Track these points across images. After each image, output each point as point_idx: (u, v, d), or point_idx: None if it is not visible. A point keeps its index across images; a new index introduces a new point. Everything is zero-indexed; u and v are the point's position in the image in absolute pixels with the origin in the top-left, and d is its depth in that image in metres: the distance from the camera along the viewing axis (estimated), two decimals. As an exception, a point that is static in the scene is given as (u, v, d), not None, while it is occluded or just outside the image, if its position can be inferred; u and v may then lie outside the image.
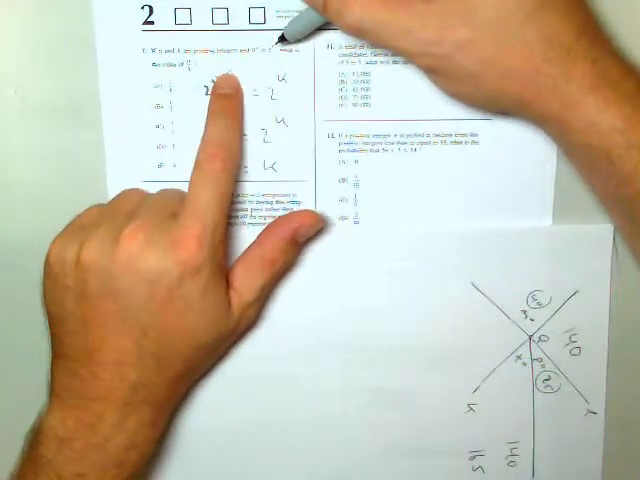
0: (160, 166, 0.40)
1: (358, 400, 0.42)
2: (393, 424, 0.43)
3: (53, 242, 0.37)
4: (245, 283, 0.38)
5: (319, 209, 0.40)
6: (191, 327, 0.36)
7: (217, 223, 0.35)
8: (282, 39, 0.37)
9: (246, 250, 0.39)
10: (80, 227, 0.37)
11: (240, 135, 0.39)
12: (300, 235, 0.38)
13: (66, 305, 0.36)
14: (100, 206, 0.39)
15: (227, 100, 0.38)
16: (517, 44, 0.33)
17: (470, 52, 0.33)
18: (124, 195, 0.39)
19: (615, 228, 0.40)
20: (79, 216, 0.38)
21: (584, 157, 0.34)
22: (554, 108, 0.33)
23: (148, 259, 0.34)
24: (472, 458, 0.43)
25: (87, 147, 0.39)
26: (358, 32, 0.34)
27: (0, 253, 0.41)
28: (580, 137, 0.33)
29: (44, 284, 0.37)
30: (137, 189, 0.39)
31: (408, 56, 0.35)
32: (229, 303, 0.37)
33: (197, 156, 0.37)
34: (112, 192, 0.40)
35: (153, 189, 0.40)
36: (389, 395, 0.42)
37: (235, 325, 0.38)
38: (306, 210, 0.39)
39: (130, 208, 0.37)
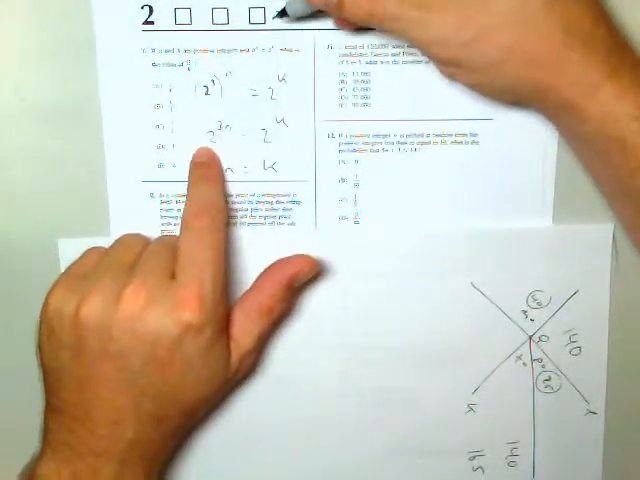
0: (160, 166, 0.40)
1: (358, 400, 0.42)
2: (393, 424, 0.43)
3: (51, 291, 0.36)
4: (244, 332, 0.37)
5: (319, 209, 0.40)
6: (191, 385, 0.35)
7: (216, 279, 0.35)
8: (283, 14, 0.37)
9: (244, 295, 0.38)
10: (80, 277, 0.36)
11: (223, 196, 0.38)
12: (297, 281, 0.38)
13: (62, 360, 0.35)
14: (99, 251, 0.38)
15: (205, 167, 0.39)
16: (538, 30, 0.33)
17: (491, 39, 0.33)
18: (124, 243, 0.38)
19: (615, 228, 0.40)
20: (78, 262, 0.38)
21: (597, 147, 0.34)
22: (572, 95, 0.33)
23: (149, 320, 0.34)
24: (472, 458, 0.43)
25: (87, 147, 0.39)
26: (377, 19, 0.34)
27: (0, 253, 0.41)
28: (595, 125, 0.33)
29: (40, 334, 0.36)
30: (136, 235, 0.39)
31: (426, 46, 0.34)
32: (229, 355, 0.36)
33: (183, 217, 0.36)
34: (112, 192, 0.40)
35: (153, 189, 0.40)
36: (389, 395, 0.42)
37: (233, 375, 0.37)
38: (302, 255, 0.39)
39: (130, 259, 0.36)
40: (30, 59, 0.38)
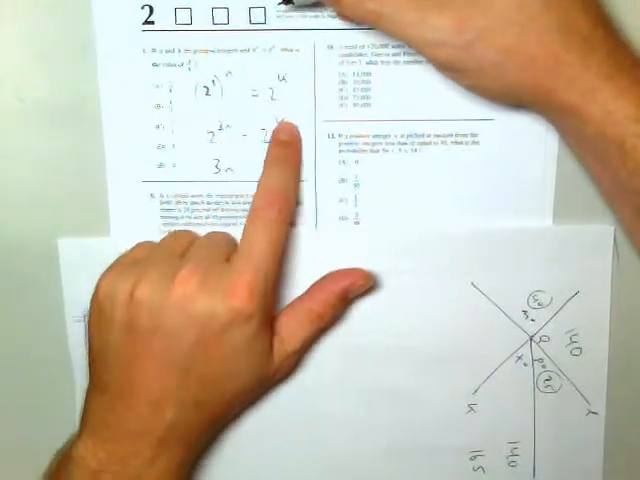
0: (160, 166, 0.40)
1: (358, 400, 0.42)
2: (393, 424, 0.43)
3: (103, 277, 0.37)
4: (290, 333, 0.38)
5: (319, 209, 0.40)
6: (233, 373, 0.36)
7: (270, 271, 0.36)
8: (288, 1, 0.37)
9: (295, 300, 0.39)
10: (132, 263, 0.37)
11: (297, 183, 0.39)
12: (351, 292, 0.39)
13: (112, 338, 0.36)
14: (150, 243, 0.39)
15: (286, 148, 0.39)
16: (536, 32, 0.33)
17: (489, 42, 0.33)
18: (175, 235, 0.39)
19: (616, 228, 0.40)
20: (129, 252, 0.39)
21: (597, 148, 0.34)
22: (571, 97, 0.33)
23: (200, 303, 0.34)
24: (473, 458, 0.43)
25: (87, 147, 0.39)
26: (375, 19, 0.34)
27: (0, 253, 0.41)
28: (595, 127, 0.33)
29: (90, 317, 0.37)
30: (187, 231, 0.40)
31: (424, 48, 0.34)
32: (272, 350, 0.37)
33: (254, 202, 0.37)
34: (112, 192, 0.40)
35: (153, 189, 0.40)
36: (389, 395, 0.42)
37: (274, 373, 0.38)
38: (358, 269, 0.40)
39: (182, 249, 0.37)
40: (30, 59, 0.38)
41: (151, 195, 0.40)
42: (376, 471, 0.43)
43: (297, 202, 0.40)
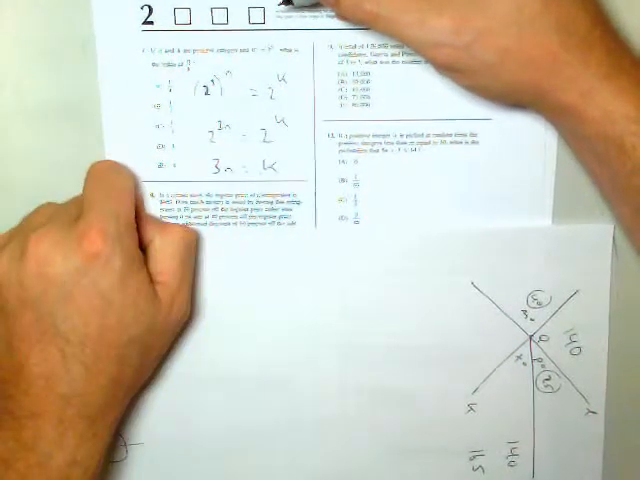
0: (160, 166, 0.40)
1: (358, 400, 0.42)
2: (393, 424, 0.43)
3: None
4: (165, 269, 0.37)
5: (319, 209, 0.40)
6: (115, 323, 0.35)
7: (119, 212, 0.35)
8: (288, 1, 0.37)
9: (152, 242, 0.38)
10: None
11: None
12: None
13: None
14: (13, 227, 0.38)
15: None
16: (535, 32, 0.33)
17: (488, 42, 0.33)
18: (37, 209, 0.38)
19: (615, 228, 0.40)
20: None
21: (596, 148, 0.34)
22: (570, 97, 0.33)
23: (55, 261, 0.34)
24: (472, 458, 0.43)
25: (87, 147, 0.39)
26: (373, 20, 0.34)
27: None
28: (594, 126, 0.33)
29: None
30: (50, 203, 0.39)
31: (423, 48, 0.34)
32: (154, 292, 0.36)
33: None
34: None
35: (153, 189, 0.40)
36: (389, 395, 0.42)
37: (165, 317, 0.37)
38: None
39: (40, 220, 0.36)
40: (30, 59, 0.38)
41: (151, 195, 0.40)
42: (376, 471, 0.43)
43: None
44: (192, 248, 0.39)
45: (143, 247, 0.37)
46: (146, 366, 0.38)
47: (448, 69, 0.35)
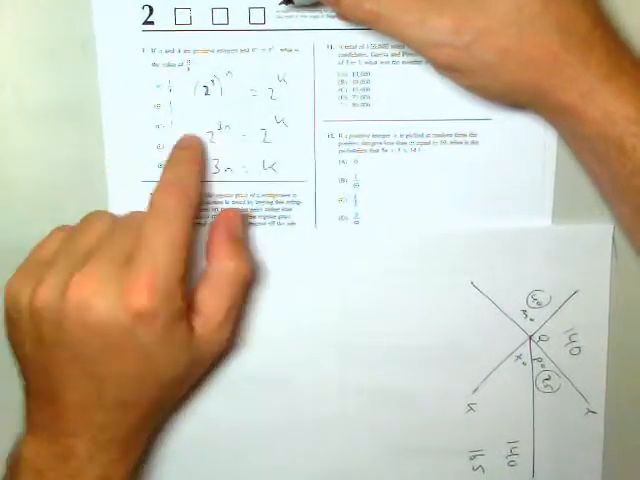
0: (160, 166, 0.40)
1: (358, 400, 0.42)
2: (393, 424, 0.43)
3: (10, 280, 0.36)
4: (209, 306, 0.36)
5: (319, 209, 0.40)
6: (153, 371, 0.35)
7: (171, 266, 0.33)
8: (288, 1, 0.37)
9: (204, 271, 0.37)
10: (39, 261, 0.36)
11: (197, 182, 0.37)
12: (238, 230, 0.38)
13: (26, 348, 0.35)
14: (63, 232, 0.37)
15: (185, 150, 0.38)
16: (535, 32, 0.33)
17: (488, 42, 0.33)
18: (89, 221, 0.37)
19: (615, 228, 0.40)
20: (40, 244, 0.37)
21: (596, 148, 0.34)
22: (571, 97, 0.33)
23: (98, 310, 0.33)
24: (472, 458, 0.43)
25: (87, 147, 0.39)
26: (374, 20, 0.34)
27: (0, 253, 0.41)
28: (595, 127, 0.33)
29: (5, 325, 0.36)
30: (104, 214, 0.38)
31: (423, 48, 0.34)
32: (192, 335, 0.36)
33: (151, 199, 0.35)
34: (112, 192, 0.40)
35: (153, 189, 0.40)
36: (389, 395, 0.42)
37: (204, 352, 0.37)
38: (226, 210, 0.39)
39: (90, 242, 0.36)
40: (30, 59, 0.38)
41: (151, 195, 0.40)
42: (376, 471, 0.43)
43: (200, 198, 0.37)
44: (242, 285, 0.37)
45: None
46: (179, 396, 0.39)
47: (448, 69, 0.35)
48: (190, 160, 0.38)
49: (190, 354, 0.36)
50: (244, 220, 0.39)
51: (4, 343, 0.37)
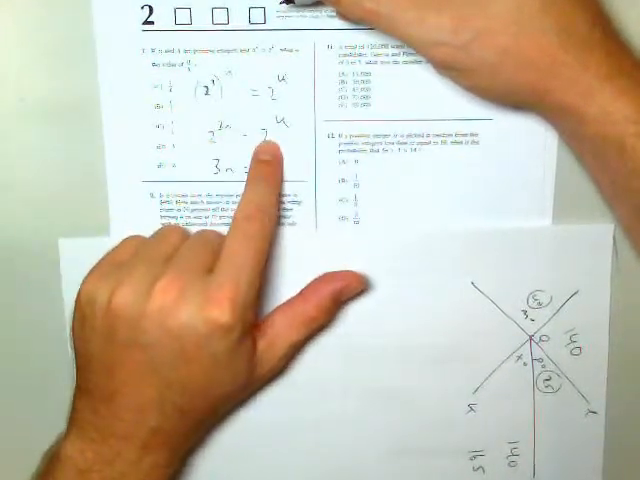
0: (160, 166, 0.40)
1: (358, 400, 0.42)
2: (393, 424, 0.43)
3: (86, 279, 0.36)
4: (279, 336, 0.38)
5: (319, 209, 0.40)
6: (215, 381, 0.36)
7: (251, 283, 0.35)
8: (289, 0, 0.37)
9: (287, 302, 0.39)
10: (115, 265, 0.37)
11: (278, 200, 0.39)
12: (344, 295, 0.39)
13: (93, 346, 0.36)
14: (137, 240, 0.39)
15: (267, 166, 0.39)
16: (534, 33, 0.33)
17: (487, 42, 0.33)
18: (163, 234, 0.39)
19: (616, 228, 0.40)
20: (116, 250, 0.38)
21: (596, 149, 0.34)
22: (570, 98, 0.33)
23: (179, 315, 0.34)
24: (473, 458, 0.43)
25: (87, 147, 0.39)
26: (374, 18, 0.34)
27: (0, 253, 0.41)
28: (594, 127, 0.33)
29: (74, 320, 0.37)
30: (176, 227, 0.39)
31: (422, 47, 0.34)
32: (255, 355, 0.37)
33: (235, 215, 0.36)
34: (112, 192, 0.40)
35: (153, 189, 0.40)
36: (389, 395, 0.42)
37: (260, 377, 0.38)
38: (351, 271, 0.40)
39: (167, 251, 0.37)
40: (30, 59, 0.38)
41: (151, 195, 0.40)
42: (376, 471, 0.43)
43: (278, 219, 0.39)
44: (315, 330, 0.39)
45: None
46: (228, 409, 0.40)
47: (447, 68, 0.35)
48: (271, 175, 0.39)
49: (249, 373, 0.37)
50: (358, 289, 0.40)
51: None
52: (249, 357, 0.36)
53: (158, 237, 0.39)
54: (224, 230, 0.40)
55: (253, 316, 0.36)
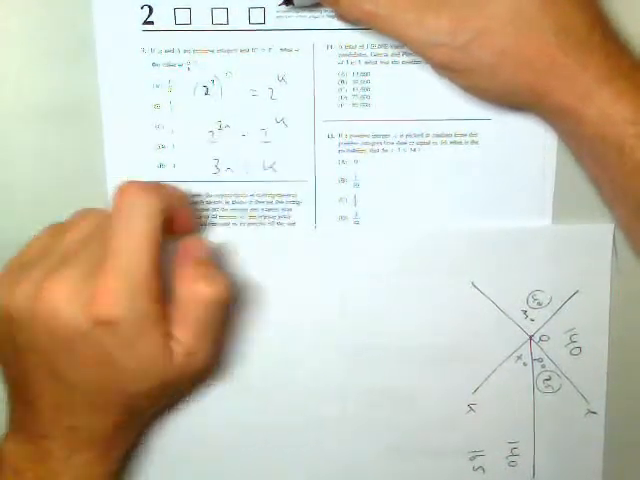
0: (160, 166, 0.40)
1: (358, 400, 0.42)
2: (393, 424, 0.43)
3: None
4: (181, 328, 0.35)
5: (319, 209, 0.40)
6: (116, 379, 0.34)
7: (140, 272, 0.33)
8: (288, 2, 0.37)
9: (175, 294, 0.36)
10: (20, 264, 0.35)
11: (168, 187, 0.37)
12: (202, 253, 0.36)
13: (3, 352, 0.36)
14: (50, 230, 0.37)
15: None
16: (532, 34, 0.33)
17: (485, 42, 0.33)
18: (72, 223, 0.37)
19: (615, 227, 0.40)
20: (27, 246, 0.37)
21: (595, 150, 0.34)
22: (569, 99, 0.33)
23: (64, 317, 0.33)
24: (472, 458, 0.43)
25: (87, 147, 0.39)
26: (372, 20, 0.34)
27: (0, 253, 0.41)
28: (593, 128, 0.33)
29: None
30: (90, 214, 0.37)
31: (421, 48, 0.34)
32: (168, 353, 0.34)
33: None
34: (112, 192, 0.40)
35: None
36: (389, 395, 0.42)
37: (180, 372, 0.35)
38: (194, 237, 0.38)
39: (69, 245, 0.35)
40: (30, 59, 0.38)
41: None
42: (376, 471, 0.43)
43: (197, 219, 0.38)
44: (215, 306, 0.35)
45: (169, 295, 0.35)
46: (161, 408, 0.39)
47: (445, 69, 0.35)
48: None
49: (164, 372, 0.35)
50: (207, 243, 0.38)
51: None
52: (157, 357, 0.34)
53: (67, 226, 0.36)
54: (224, 230, 0.40)
55: (151, 304, 0.33)
